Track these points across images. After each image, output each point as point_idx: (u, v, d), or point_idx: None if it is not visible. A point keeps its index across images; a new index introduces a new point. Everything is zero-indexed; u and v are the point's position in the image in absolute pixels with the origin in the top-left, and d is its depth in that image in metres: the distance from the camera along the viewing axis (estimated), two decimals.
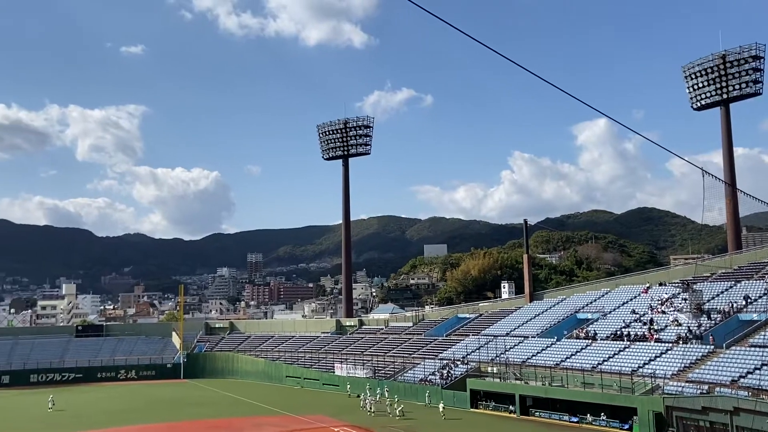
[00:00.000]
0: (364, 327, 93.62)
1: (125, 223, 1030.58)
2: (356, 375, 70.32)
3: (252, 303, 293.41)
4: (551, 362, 55.06)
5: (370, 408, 54.84)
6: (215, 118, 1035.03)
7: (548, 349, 59.02)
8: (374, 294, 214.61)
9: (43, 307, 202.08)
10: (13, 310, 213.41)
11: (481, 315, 79.51)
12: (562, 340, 60.36)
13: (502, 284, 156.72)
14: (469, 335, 71.89)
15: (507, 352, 60.53)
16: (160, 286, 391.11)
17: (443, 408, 51.88)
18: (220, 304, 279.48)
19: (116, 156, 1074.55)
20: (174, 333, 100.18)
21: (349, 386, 67.34)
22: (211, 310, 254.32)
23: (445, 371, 61.86)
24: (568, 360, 54.56)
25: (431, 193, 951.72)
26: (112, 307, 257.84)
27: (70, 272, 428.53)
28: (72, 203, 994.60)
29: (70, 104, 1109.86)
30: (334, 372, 74.47)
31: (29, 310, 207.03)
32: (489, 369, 59.18)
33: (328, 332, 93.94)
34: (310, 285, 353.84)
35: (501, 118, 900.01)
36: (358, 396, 58.60)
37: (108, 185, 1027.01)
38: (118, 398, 71.00)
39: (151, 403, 66.41)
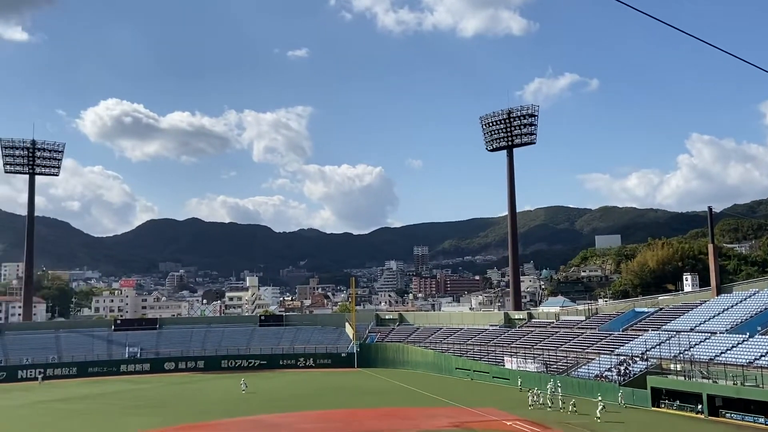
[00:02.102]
0: (533, 320, 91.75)
1: (298, 219, 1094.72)
2: (527, 369, 69.12)
3: (419, 295, 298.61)
4: (743, 360, 50.64)
5: (549, 402, 53.45)
6: (377, 115, 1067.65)
7: (739, 346, 54.35)
8: (543, 287, 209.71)
9: (231, 298, 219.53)
10: (205, 301, 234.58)
11: (661, 309, 74.83)
12: (756, 336, 55.23)
13: (684, 276, 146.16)
14: (648, 330, 67.97)
15: (692, 349, 56.52)
16: (332, 278, 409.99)
17: (601, 407, 47.59)
18: (389, 296, 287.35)
19: (288, 156, 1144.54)
20: (347, 324, 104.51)
21: (520, 380, 66.35)
22: (380, 302, 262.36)
23: (622, 368, 58.98)
24: (763, 358, 49.88)
25: (600, 182, 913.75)
26: (290, 298, 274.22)
27: (252, 265, 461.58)
28: (251, 201, 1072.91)
29: (245, 109, 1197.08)
30: (503, 365, 73.75)
31: (219, 301, 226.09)
32: (671, 366, 55.62)
33: (496, 325, 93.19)
34: (477, 277, 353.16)
35: (675, 98, 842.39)
36: (530, 390, 57.52)
37: (281, 184, 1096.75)
38: (299, 384, 75.46)
39: (329, 389, 69.86)
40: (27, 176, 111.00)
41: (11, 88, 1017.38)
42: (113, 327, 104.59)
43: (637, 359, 59.85)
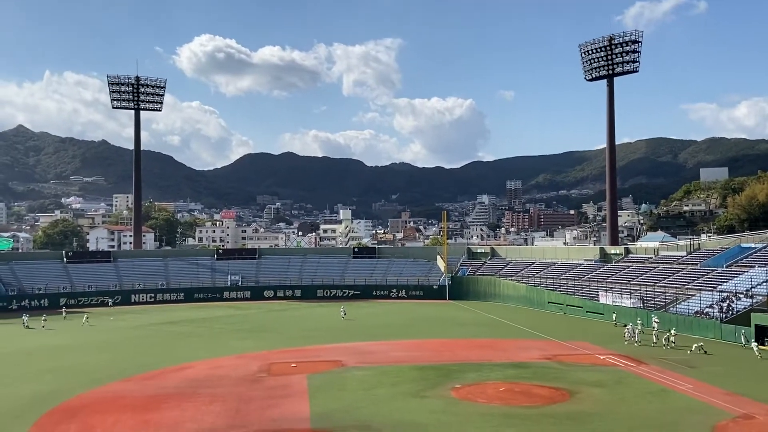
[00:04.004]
0: (630, 255, 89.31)
1: (389, 153, 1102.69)
2: (623, 304, 67.78)
3: (512, 229, 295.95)
4: None
5: (654, 338, 51.77)
6: (467, 45, 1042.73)
7: None
8: (642, 222, 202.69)
9: (325, 231, 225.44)
10: (300, 233, 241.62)
11: None
12: None
13: None
14: (754, 266, 64.80)
15: None
16: (424, 212, 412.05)
17: (756, 348, 45.87)
18: (481, 230, 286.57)
19: (377, 89, 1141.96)
20: (438, 257, 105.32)
21: (615, 315, 65.24)
22: (472, 236, 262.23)
23: (724, 304, 56.82)
24: None
25: (706, 111, 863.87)
26: (382, 231, 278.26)
27: (345, 199, 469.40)
28: (342, 136, 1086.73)
29: (334, 42, 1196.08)
30: (598, 300, 72.60)
31: (314, 233, 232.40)
32: None
33: (591, 260, 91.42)
34: (571, 212, 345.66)
35: None
36: (625, 325, 56.45)
37: (371, 117, 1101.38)
38: (393, 314, 77.31)
39: (422, 320, 71.23)
40: (132, 112, 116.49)
41: (113, 26, 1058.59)
42: (216, 256, 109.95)
43: (741, 296, 57.45)
